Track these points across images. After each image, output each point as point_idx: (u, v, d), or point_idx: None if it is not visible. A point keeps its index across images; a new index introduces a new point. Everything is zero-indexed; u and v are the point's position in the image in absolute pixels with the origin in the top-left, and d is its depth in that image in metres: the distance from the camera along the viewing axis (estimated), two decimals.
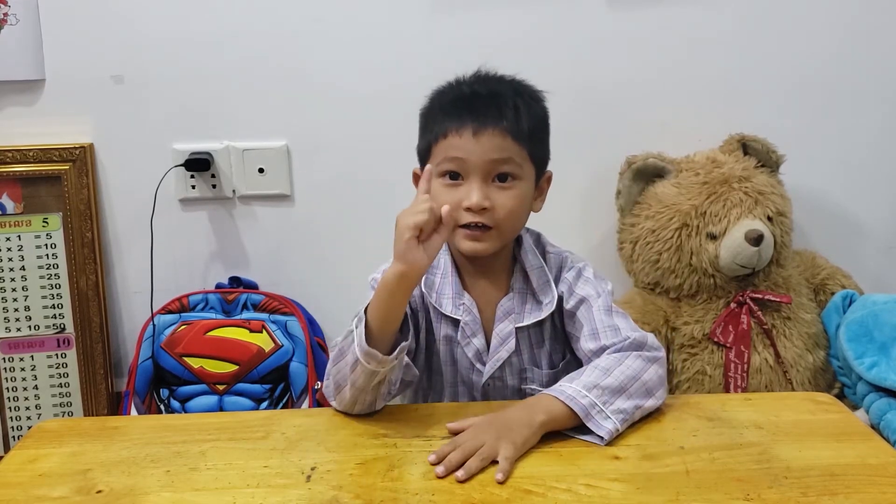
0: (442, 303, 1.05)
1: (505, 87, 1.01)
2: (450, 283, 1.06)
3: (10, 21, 1.56)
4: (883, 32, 1.65)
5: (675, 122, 1.66)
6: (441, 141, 0.99)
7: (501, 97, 0.99)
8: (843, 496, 0.78)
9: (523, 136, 0.98)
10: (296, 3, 1.58)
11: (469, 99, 1.00)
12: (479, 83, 1.02)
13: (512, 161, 0.98)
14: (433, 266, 1.06)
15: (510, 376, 1.07)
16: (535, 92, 1.05)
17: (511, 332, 1.04)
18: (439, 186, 0.99)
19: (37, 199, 1.63)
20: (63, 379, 1.68)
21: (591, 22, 1.61)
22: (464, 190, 0.98)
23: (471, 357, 1.06)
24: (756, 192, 1.54)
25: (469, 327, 1.05)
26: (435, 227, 0.91)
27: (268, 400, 1.58)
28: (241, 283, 1.67)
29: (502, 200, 0.98)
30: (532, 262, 1.06)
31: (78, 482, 0.82)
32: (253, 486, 0.81)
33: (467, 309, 1.05)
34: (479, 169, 0.97)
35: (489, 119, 0.97)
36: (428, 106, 1.06)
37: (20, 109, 1.61)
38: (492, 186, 0.99)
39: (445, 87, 1.05)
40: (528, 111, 1.00)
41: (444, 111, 1.01)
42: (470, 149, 0.97)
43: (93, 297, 1.65)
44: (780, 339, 1.56)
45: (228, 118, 1.63)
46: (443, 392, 1.09)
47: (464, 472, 0.82)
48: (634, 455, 0.86)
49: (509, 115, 0.98)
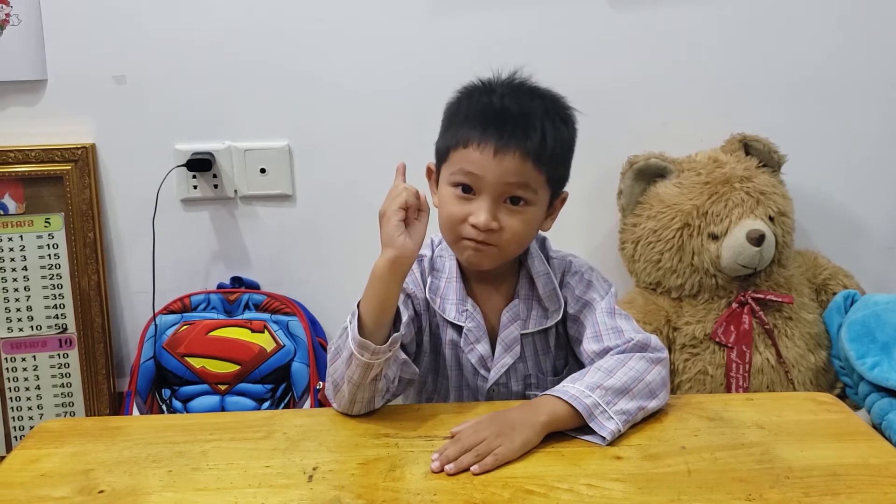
0: (446, 308, 1.04)
1: (536, 106, 0.97)
2: (454, 289, 1.05)
3: (12, 21, 1.56)
4: (884, 32, 1.65)
5: (677, 123, 1.66)
6: (461, 150, 0.96)
7: (530, 118, 0.95)
8: (844, 496, 0.78)
9: (544, 161, 0.96)
10: (296, 4, 1.58)
11: (498, 114, 0.96)
12: (511, 96, 0.98)
13: (527, 186, 0.96)
14: (439, 270, 1.06)
15: (515, 382, 1.07)
16: (566, 113, 1.01)
17: (516, 339, 1.04)
18: (450, 195, 0.98)
19: (39, 200, 1.63)
20: (65, 379, 1.68)
21: (592, 22, 1.61)
22: (474, 205, 0.96)
23: (474, 363, 1.05)
24: (758, 192, 1.54)
25: (472, 333, 1.04)
26: (416, 213, 0.92)
27: (269, 400, 1.58)
28: (242, 284, 1.67)
29: (510, 223, 0.96)
30: (538, 268, 1.05)
31: (80, 482, 0.82)
32: (255, 486, 0.81)
33: (471, 315, 1.04)
34: (493, 188, 0.95)
35: (513, 140, 0.94)
36: (455, 104, 1.02)
37: (22, 110, 1.61)
38: (502, 207, 0.96)
39: (476, 89, 1.01)
40: (556, 135, 0.97)
41: (469, 120, 0.97)
42: (488, 166, 0.94)
43: (95, 297, 1.65)
44: (782, 339, 1.56)
45: (230, 118, 1.63)
46: (448, 396, 1.09)
47: (454, 466, 0.82)
48: (636, 455, 0.86)
49: (535, 138, 0.95)
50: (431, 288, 1.05)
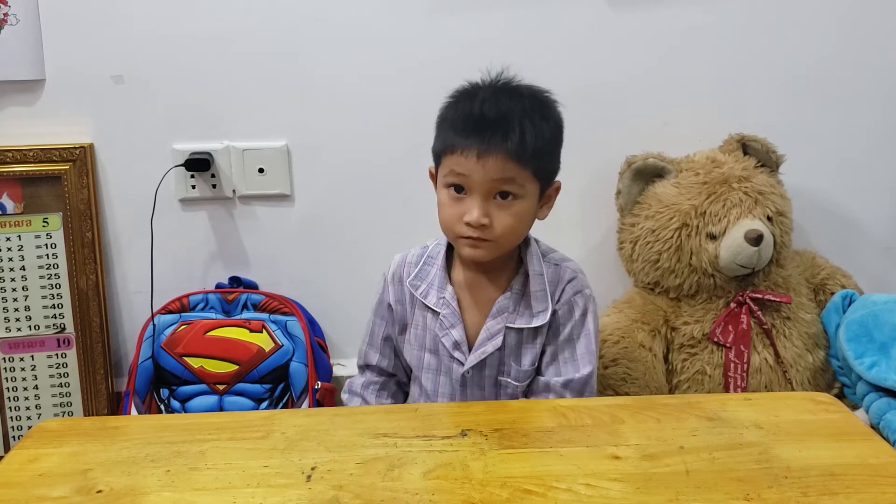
0: (428, 294, 1.13)
1: (515, 107, 1.04)
2: (438, 277, 1.14)
3: (10, 21, 1.56)
4: (882, 32, 1.65)
5: (675, 122, 1.66)
6: (449, 155, 1.05)
7: (508, 120, 1.02)
8: (843, 496, 0.78)
9: (526, 158, 1.03)
10: (296, 3, 1.58)
11: (477, 121, 1.03)
12: (491, 100, 1.04)
13: (513, 181, 1.04)
14: (432, 257, 1.16)
15: (489, 368, 1.13)
16: (546, 109, 1.07)
17: (500, 331, 1.10)
18: (445, 196, 1.07)
19: (37, 199, 1.63)
20: (63, 379, 1.68)
21: (591, 22, 1.61)
22: (467, 204, 1.05)
23: (449, 347, 1.12)
24: (756, 191, 1.54)
25: (447, 319, 1.11)
26: None
27: (268, 400, 1.58)
28: (241, 283, 1.67)
29: (501, 218, 1.05)
30: (535, 267, 1.11)
31: (78, 482, 0.82)
32: (253, 485, 0.81)
33: (447, 303, 1.11)
34: (481, 187, 1.03)
35: (493, 144, 1.01)
36: (444, 111, 1.10)
37: (20, 109, 1.61)
38: (493, 203, 1.05)
39: (461, 96, 1.09)
40: (535, 132, 1.03)
41: (454, 127, 1.05)
42: (473, 168, 1.03)
43: (93, 296, 1.65)
44: (780, 338, 1.56)
45: (228, 118, 1.63)
46: (425, 377, 1.16)
47: None
48: (634, 455, 0.86)
49: (514, 139, 1.02)
50: (419, 275, 1.15)
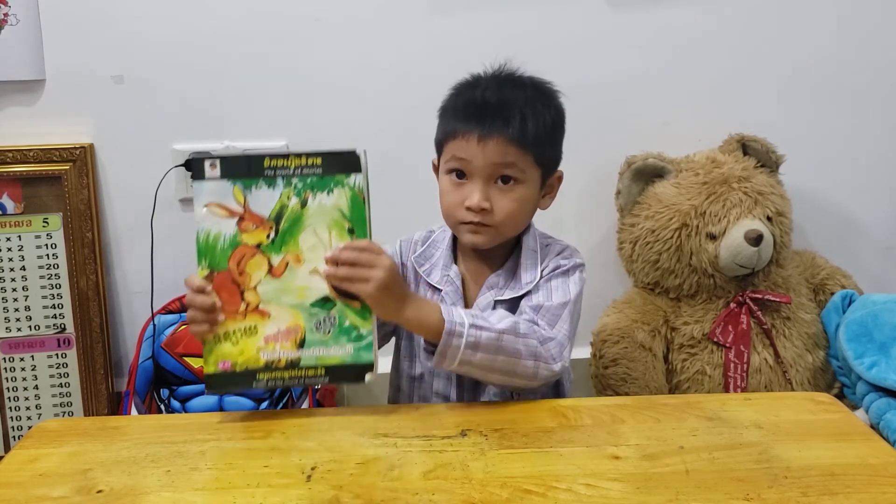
0: (432, 273, 1.14)
1: (517, 95, 1.05)
2: (443, 256, 1.14)
3: (10, 21, 1.56)
4: (883, 32, 1.65)
5: (675, 122, 1.66)
6: (451, 141, 1.06)
7: (509, 107, 1.03)
8: (842, 496, 0.78)
9: (527, 144, 1.03)
10: (296, 3, 1.58)
11: (479, 106, 1.04)
12: (492, 88, 1.06)
13: (514, 166, 1.04)
14: (438, 241, 1.16)
15: None
16: (548, 98, 1.08)
17: (489, 304, 1.09)
18: (447, 182, 1.07)
19: (37, 200, 1.63)
20: (63, 379, 1.68)
21: (591, 22, 1.61)
22: (468, 189, 1.04)
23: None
24: (756, 192, 1.54)
25: (449, 297, 1.11)
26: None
27: (268, 400, 1.57)
28: None
29: (502, 202, 1.04)
30: (530, 245, 1.12)
31: (78, 482, 0.82)
32: (253, 485, 0.81)
33: (450, 280, 1.11)
34: (481, 171, 1.03)
35: (494, 128, 1.02)
36: (446, 100, 1.11)
37: (20, 109, 1.61)
38: (494, 188, 1.04)
39: (463, 86, 1.10)
40: (536, 119, 1.04)
41: (455, 113, 1.06)
42: (474, 152, 1.03)
43: (93, 297, 1.65)
44: (780, 338, 1.56)
45: (229, 118, 1.63)
46: (423, 354, 1.14)
47: (331, 270, 0.92)
48: (634, 455, 0.86)
49: (514, 125, 1.02)
50: (424, 255, 1.15)
